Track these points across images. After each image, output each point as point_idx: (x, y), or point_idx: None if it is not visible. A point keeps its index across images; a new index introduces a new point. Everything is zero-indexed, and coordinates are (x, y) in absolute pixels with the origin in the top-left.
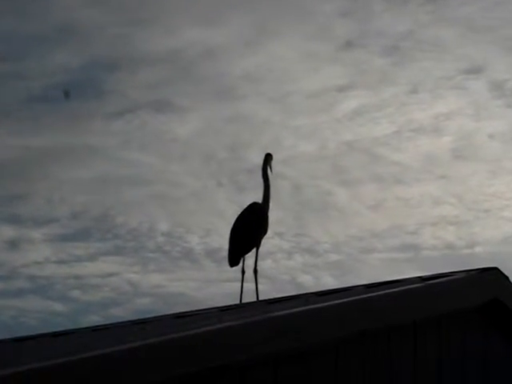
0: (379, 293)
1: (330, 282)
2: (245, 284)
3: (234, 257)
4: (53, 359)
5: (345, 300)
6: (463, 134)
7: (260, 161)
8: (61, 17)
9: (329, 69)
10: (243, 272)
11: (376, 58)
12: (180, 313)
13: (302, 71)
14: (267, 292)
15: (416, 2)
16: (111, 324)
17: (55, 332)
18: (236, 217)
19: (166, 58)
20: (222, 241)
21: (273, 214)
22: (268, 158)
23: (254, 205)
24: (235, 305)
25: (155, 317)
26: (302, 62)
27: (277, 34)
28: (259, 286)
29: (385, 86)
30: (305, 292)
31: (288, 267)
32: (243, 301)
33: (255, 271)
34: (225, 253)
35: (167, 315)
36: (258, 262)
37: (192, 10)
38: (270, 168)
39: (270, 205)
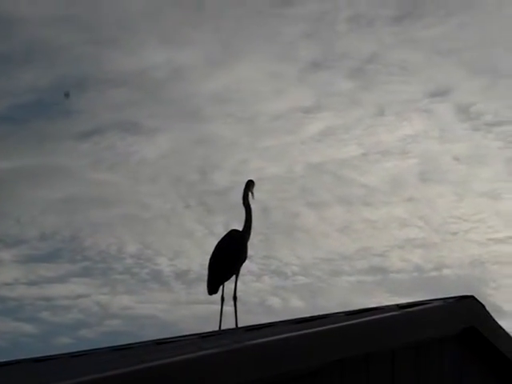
0: (358, 320)
1: (298, 305)
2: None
3: (214, 285)
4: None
5: (323, 328)
6: (429, 157)
7: (228, 184)
8: (27, 36)
9: (295, 90)
10: (222, 299)
11: (342, 80)
12: (160, 339)
13: (269, 92)
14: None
15: (380, 24)
16: (90, 350)
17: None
18: (215, 244)
19: (134, 78)
20: (191, 263)
21: None
22: (250, 184)
23: (233, 232)
24: (215, 332)
25: (134, 343)
26: (269, 83)
27: (243, 54)
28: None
29: (351, 109)
30: (277, 318)
31: (257, 289)
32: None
33: (235, 298)
34: (193, 275)
35: (148, 341)
36: (237, 289)
37: (158, 30)
38: (252, 194)
39: (251, 232)
